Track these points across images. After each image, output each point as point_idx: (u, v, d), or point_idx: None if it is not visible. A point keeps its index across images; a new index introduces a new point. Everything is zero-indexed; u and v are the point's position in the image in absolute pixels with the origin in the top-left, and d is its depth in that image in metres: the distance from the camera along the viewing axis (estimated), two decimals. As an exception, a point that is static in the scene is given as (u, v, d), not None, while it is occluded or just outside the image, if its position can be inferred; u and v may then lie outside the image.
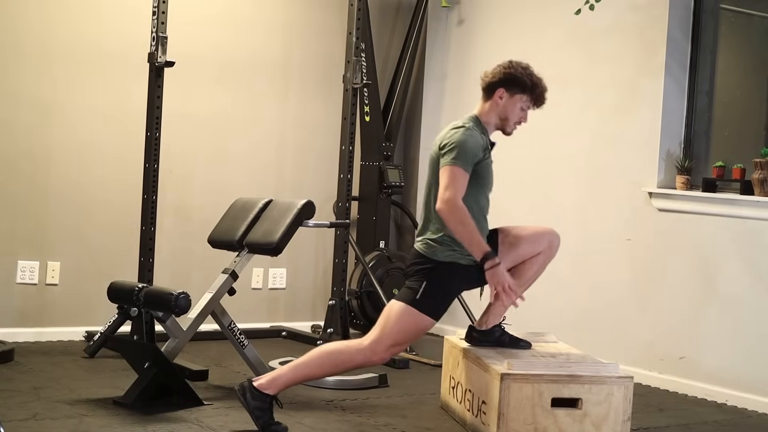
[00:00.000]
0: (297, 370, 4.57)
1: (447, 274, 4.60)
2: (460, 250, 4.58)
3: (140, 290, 5.24)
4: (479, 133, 4.66)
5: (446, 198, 4.44)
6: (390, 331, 4.56)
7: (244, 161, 7.04)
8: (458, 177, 4.48)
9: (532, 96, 4.73)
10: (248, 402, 4.51)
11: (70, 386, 5.22)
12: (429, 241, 4.63)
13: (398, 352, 4.69)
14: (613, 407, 4.55)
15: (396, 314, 4.57)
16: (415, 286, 4.59)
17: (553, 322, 6.39)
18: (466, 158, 4.51)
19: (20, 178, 6.30)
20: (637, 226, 6.23)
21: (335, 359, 4.59)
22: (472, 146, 4.55)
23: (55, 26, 6.35)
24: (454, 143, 4.54)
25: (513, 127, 4.77)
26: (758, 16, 6.25)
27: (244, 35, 7.03)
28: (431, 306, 4.57)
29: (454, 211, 4.43)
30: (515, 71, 4.69)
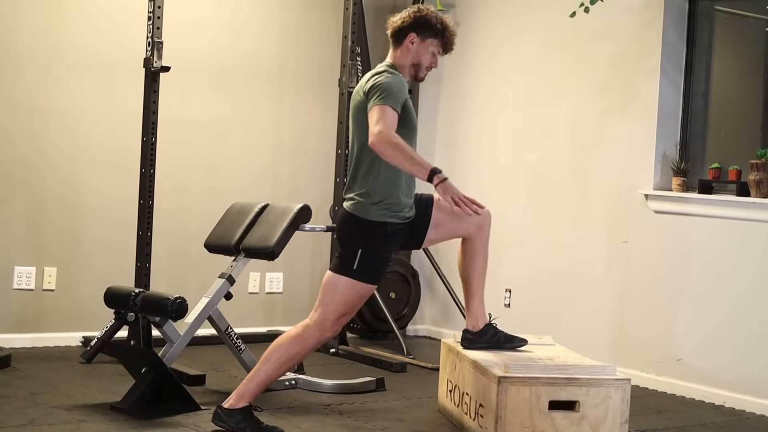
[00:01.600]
0: (257, 379, 4.54)
1: (380, 237, 4.50)
2: (391, 208, 4.50)
3: (137, 295, 5.24)
4: (397, 73, 4.58)
5: (377, 131, 4.30)
6: (334, 306, 4.51)
7: (240, 166, 7.04)
8: (388, 113, 4.35)
9: (443, 40, 4.64)
10: (227, 423, 4.50)
11: (67, 392, 5.22)
12: (359, 198, 4.50)
13: (346, 321, 4.61)
14: (611, 410, 4.55)
15: (335, 287, 4.51)
16: (349, 255, 4.49)
17: (550, 325, 6.39)
18: (394, 98, 4.39)
19: (16, 183, 6.29)
20: (633, 228, 6.23)
21: (289, 352, 4.54)
22: (397, 87, 4.45)
23: (51, 32, 6.34)
24: (379, 84, 4.44)
25: (425, 71, 4.67)
26: (753, 17, 6.25)
27: (239, 40, 7.02)
28: (369, 273, 4.50)
29: (388, 139, 4.28)
30: (426, 16, 4.63)
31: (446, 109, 7.46)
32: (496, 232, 6.80)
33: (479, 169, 7.21)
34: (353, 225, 4.52)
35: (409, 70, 4.65)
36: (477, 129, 7.27)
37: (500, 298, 6.89)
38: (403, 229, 4.57)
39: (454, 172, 7.09)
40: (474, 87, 7.30)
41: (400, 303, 7.30)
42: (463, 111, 7.34)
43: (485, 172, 7.17)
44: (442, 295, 7.35)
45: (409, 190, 4.57)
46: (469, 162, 7.26)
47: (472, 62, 7.25)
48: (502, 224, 6.92)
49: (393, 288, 7.25)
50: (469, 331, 4.98)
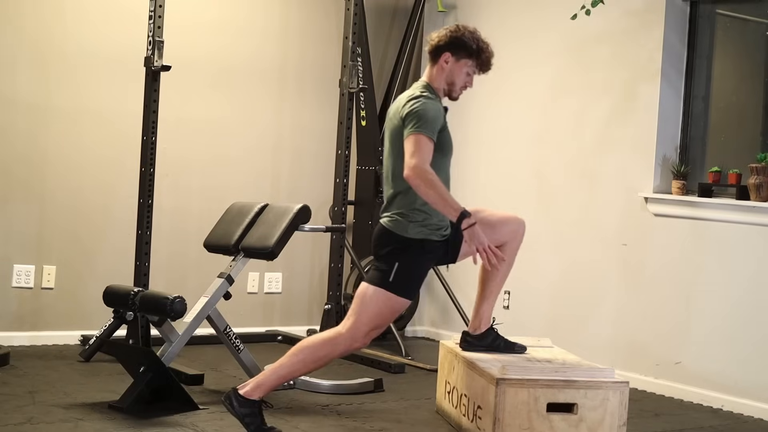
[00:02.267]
0: (279, 372, 4.53)
1: (418, 253, 4.52)
2: (430, 226, 4.51)
3: (136, 294, 5.24)
4: (434, 95, 4.60)
5: (413, 164, 4.33)
6: (366, 316, 4.51)
7: (240, 166, 7.04)
8: (423, 144, 4.38)
9: (479, 61, 4.64)
10: (236, 410, 4.48)
11: (66, 390, 5.22)
12: (397, 217, 4.53)
13: (377, 334, 4.60)
14: (609, 412, 4.55)
15: (370, 298, 4.51)
16: (386, 267, 4.50)
17: (548, 327, 6.39)
18: (429, 126, 4.42)
19: (16, 182, 6.29)
20: (633, 231, 6.23)
21: (316, 354, 4.53)
22: (434, 114, 4.46)
23: (51, 31, 6.34)
24: (416, 111, 4.44)
25: (459, 91, 4.68)
26: (754, 21, 6.25)
27: (240, 40, 7.03)
28: (405, 287, 4.51)
29: (423, 175, 4.32)
30: (461, 35, 4.61)
31: (446, 110, 7.45)
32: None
33: (479, 172, 7.20)
34: (391, 240, 4.54)
35: (444, 89, 4.66)
36: (477, 132, 7.26)
37: (499, 299, 6.83)
38: (440, 246, 4.59)
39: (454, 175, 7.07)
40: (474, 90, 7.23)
41: (399, 304, 7.29)
42: (463, 114, 7.33)
43: (485, 175, 7.16)
44: (441, 296, 7.35)
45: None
46: (469, 165, 7.26)
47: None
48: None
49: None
50: (470, 334, 4.98)
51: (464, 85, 4.67)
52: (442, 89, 4.65)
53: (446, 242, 4.59)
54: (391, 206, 4.57)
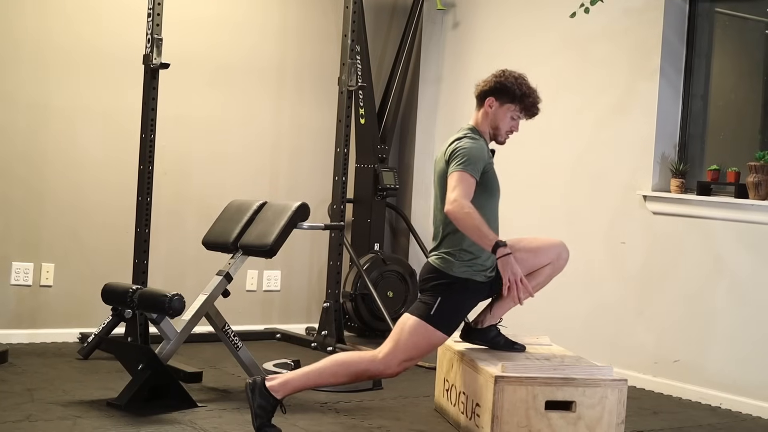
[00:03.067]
0: (309, 377, 4.57)
1: (461, 291, 4.61)
2: (475, 266, 4.60)
3: (134, 292, 5.24)
4: (479, 137, 4.68)
5: (452, 198, 4.42)
6: (403, 345, 4.57)
7: (239, 163, 7.04)
8: (464, 180, 4.46)
9: (522, 106, 4.72)
10: (254, 399, 4.48)
11: (64, 388, 5.22)
12: (444, 255, 4.63)
13: (410, 366, 4.68)
14: (607, 410, 4.55)
15: (409, 329, 4.58)
16: (429, 301, 4.59)
17: (547, 325, 6.38)
18: (472, 164, 4.50)
19: (15, 179, 6.29)
20: (631, 229, 6.23)
21: (349, 369, 4.60)
22: (477, 153, 4.55)
23: (51, 28, 6.34)
24: (459, 151, 4.54)
25: (505, 136, 4.77)
26: (753, 19, 6.26)
27: (239, 37, 7.02)
28: (445, 322, 4.58)
29: (462, 207, 4.39)
30: (505, 80, 4.70)
31: (446, 109, 7.46)
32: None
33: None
34: (436, 275, 4.62)
35: (490, 133, 4.74)
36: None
37: (498, 298, 6.88)
38: (484, 287, 4.66)
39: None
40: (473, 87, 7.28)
41: (397, 302, 7.29)
42: (462, 111, 7.32)
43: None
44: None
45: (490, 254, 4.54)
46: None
47: (471, 63, 7.24)
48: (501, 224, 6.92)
49: (391, 287, 7.24)
50: (472, 326, 4.98)
51: (510, 130, 4.75)
52: (488, 132, 4.73)
53: (491, 283, 4.66)
54: (440, 246, 4.66)
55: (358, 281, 7.12)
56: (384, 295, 7.13)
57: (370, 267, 7.16)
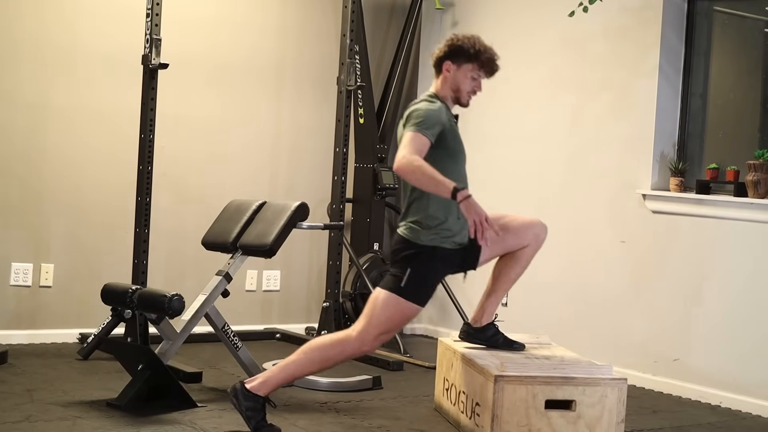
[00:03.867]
0: (287, 370, 4.55)
1: (430, 259, 4.55)
2: (443, 233, 4.54)
3: (134, 292, 5.24)
4: (438, 102, 4.62)
5: (400, 155, 4.34)
6: (377, 320, 4.53)
7: (238, 163, 7.04)
8: (415, 139, 4.39)
9: (479, 63, 4.67)
10: (240, 403, 4.50)
11: (64, 388, 5.22)
12: (411, 225, 4.57)
13: (387, 339, 4.63)
14: (607, 409, 4.55)
15: (382, 303, 4.54)
16: (399, 273, 4.54)
17: (547, 324, 6.39)
18: (426, 125, 4.43)
19: (14, 180, 6.29)
20: (631, 228, 6.23)
21: (325, 354, 4.56)
22: (433, 114, 4.49)
23: (49, 29, 6.34)
24: (414, 112, 4.50)
25: (467, 97, 4.71)
26: (752, 18, 6.26)
27: (238, 37, 7.02)
28: (416, 293, 4.54)
29: (408, 163, 4.30)
30: (458, 41, 4.66)
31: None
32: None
33: (477, 169, 7.16)
34: (404, 246, 4.58)
35: (452, 97, 4.71)
36: (475, 128, 7.26)
37: (497, 297, 6.88)
38: (455, 254, 4.61)
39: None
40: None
41: (397, 301, 7.29)
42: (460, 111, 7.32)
43: (483, 172, 7.15)
44: (440, 294, 7.33)
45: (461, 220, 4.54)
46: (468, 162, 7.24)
47: (470, 61, 7.24)
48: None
49: (390, 286, 7.24)
50: (470, 326, 4.99)
51: (472, 90, 4.72)
52: (450, 97, 4.71)
53: (463, 250, 4.61)
54: (407, 215, 4.62)
55: (358, 281, 7.11)
56: (383, 295, 7.12)
57: (370, 266, 7.16)
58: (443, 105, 4.64)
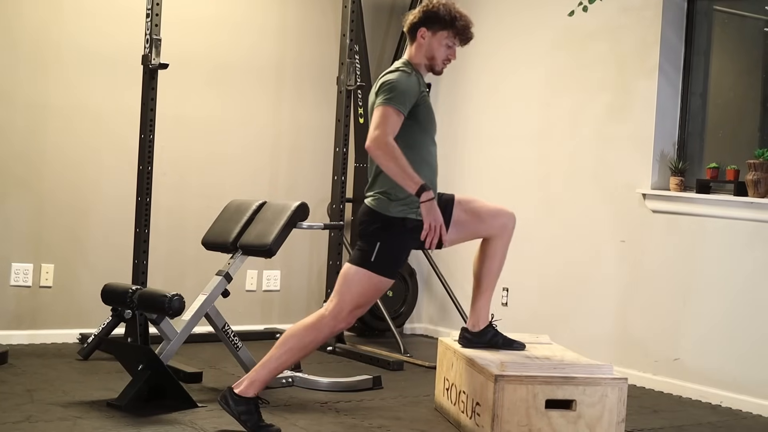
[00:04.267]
0: (269, 365, 4.54)
1: (399, 232, 4.51)
2: (412, 204, 4.47)
3: (134, 292, 5.24)
4: (411, 69, 4.55)
5: (374, 136, 4.30)
6: (349, 297, 4.52)
7: (238, 163, 7.03)
8: (389, 115, 4.34)
9: (454, 31, 4.59)
10: (232, 409, 4.50)
11: (64, 388, 5.21)
12: (379, 195, 4.52)
13: (361, 314, 4.62)
14: (607, 409, 4.55)
15: (353, 279, 4.52)
16: (368, 248, 4.50)
17: (547, 324, 6.39)
18: (399, 98, 4.38)
19: (14, 180, 6.29)
20: (631, 227, 6.23)
21: (303, 341, 4.54)
22: (405, 86, 4.43)
23: (49, 29, 6.34)
24: (387, 84, 4.42)
25: (441, 65, 4.62)
26: (752, 17, 6.26)
27: (238, 37, 7.02)
28: (386, 266, 4.51)
29: (383, 147, 4.29)
30: (433, 8, 4.58)
31: (444, 108, 7.45)
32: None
33: (477, 169, 7.21)
34: (373, 219, 4.53)
35: (426, 65, 4.62)
36: (475, 128, 7.27)
37: (498, 296, 6.88)
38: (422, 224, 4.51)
39: (453, 172, 7.10)
40: (472, 86, 7.30)
41: (397, 301, 7.30)
42: (461, 110, 7.34)
43: (483, 172, 7.17)
44: (440, 293, 7.35)
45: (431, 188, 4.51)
46: (467, 161, 7.26)
47: (470, 62, 7.24)
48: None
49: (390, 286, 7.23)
50: (468, 331, 4.97)
51: (446, 58, 4.62)
52: (423, 65, 4.61)
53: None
54: (374, 185, 4.56)
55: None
56: (384, 295, 7.11)
57: (370, 266, 7.15)
58: (417, 75, 4.56)
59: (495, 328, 4.96)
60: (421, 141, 4.53)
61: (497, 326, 4.98)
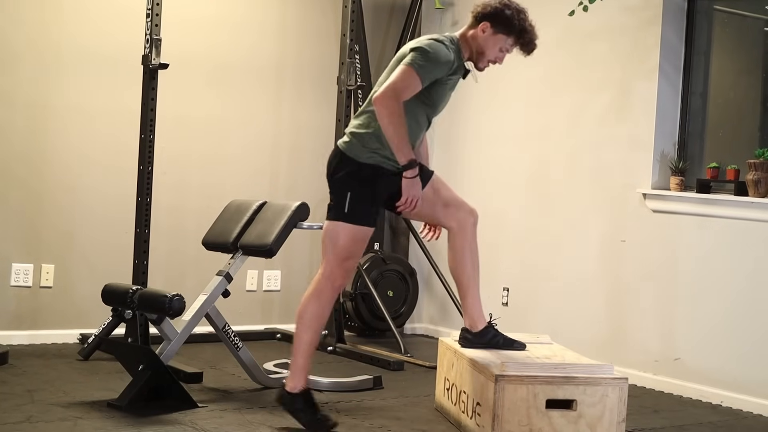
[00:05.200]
0: (300, 349, 4.60)
1: (369, 179, 4.49)
2: (382, 153, 4.46)
3: (134, 292, 5.24)
4: (454, 50, 4.52)
5: (387, 90, 4.31)
6: (334, 254, 4.55)
7: (239, 163, 7.03)
8: (409, 77, 4.33)
9: (518, 40, 4.58)
10: (291, 407, 4.59)
11: (65, 389, 5.21)
12: (353, 134, 4.51)
13: (353, 265, 4.63)
14: (608, 408, 4.55)
15: (333, 234, 4.54)
16: (339, 200, 4.50)
17: (547, 324, 6.39)
18: (427, 66, 4.37)
19: (14, 180, 6.29)
20: (631, 227, 6.23)
21: (313, 311, 4.60)
22: (438, 57, 4.40)
23: (49, 29, 6.33)
24: (422, 48, 4.40)
25: (486, 64, 4.61)
26: (752, 17, 6.26)
27: (238, 37, 7.02)
28: (362, 215, 4.51)
29: (390, 107, 4.29)
30: (507, 9, 4.57)
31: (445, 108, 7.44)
32: (494, 231, 6.83)
33: (478, 168, 7.20)
34: (342, 164, 4.52)
35: (471, 55, 4.59)
36: (475, 128, 7.27)
37: (498, 296, 6.89)
38: (394, 180, 4.49)
39: (453, 171, 7.10)
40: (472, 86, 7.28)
41: (397, 301, 7.30)
42: (461, 110, 7.33)
43: (483, 171, 7.16)
44: (440, 293, 7.35)
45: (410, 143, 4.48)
46: (467, 161, 7.26)
47: (470, 61, 7.24)
48: (500, 223, 6.93)
49: (391, 286, 7.24)
50: (468, 331, 4.96)
51: (494, 60, 4.61)
52: (469, 52, 4.58)
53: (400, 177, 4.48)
54: (358, 118, 4.55)
55: (359, 281, 7.11)
56: (384, 295, 7.13)
57: (370, 266, 7.16)
58: (457, 55, 4.52)
59: (495, 328, 4.95)
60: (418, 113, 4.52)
61: (497, 326, 4.98)
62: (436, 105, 4.59)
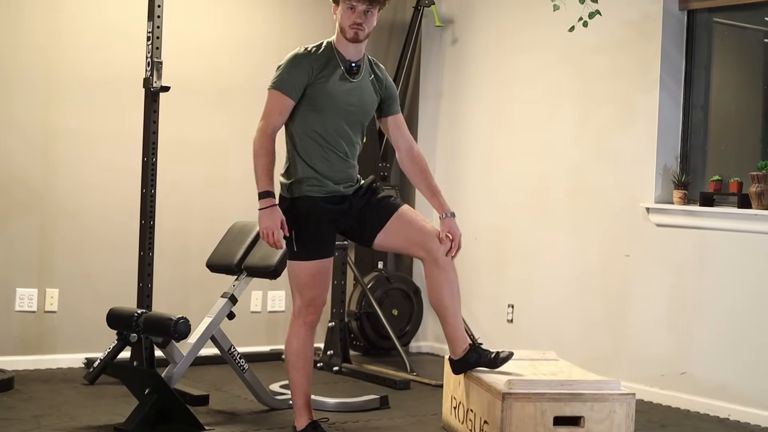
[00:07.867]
0: (296, 392, 4.61)
1: (305, 212, 4.49)
2: (309, 183, 4.51)
3: (139, 316, 5.23)
4: (314, 52, 4.56)
5: (258, 127, 4.47)
6: (299, 292, 4.57)
7: (241, 186, 7.00)
8: (271, 101, 4.48)
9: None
10: None
11: (71, 414, 5.21)
12: (282, 178, 4.61)
13: (321, 300, 4.61)
14: (616, 424, 4.54)
15: (292, 274, 4.57)
16: (288, 240, 4.50)
17: (553, 340, 6.38)
18: (283, 81, 4.47)
19: (17, 204, 6.29)
20: (635, 241, 6.22)
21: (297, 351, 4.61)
22: (290, 64, 4.50)
23: (51, 53, 6.35)
24: (279, 66, 4.54)
25: (350, 32, 4.54)
26: (752, 29, 6.26)
27: (239, 60, 7.03)
28: (310, 249, 4.51)
29: (255, 137, 4.47)
30: None
31: (447, 123, 7.46)
32: (498, 247, 6.83)
33: (480, 184, 7.20)
34: (281, 204, 4.53)
35: (343, 39, 4.60)
36: (478, 144, 7.27)
37: (503, 313, 6.88)
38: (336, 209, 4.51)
39: (456, 187, 7.11)
40: (474, 102, 7.30)
41: (402, 320, 7.29)
42: (463, 126, 7.34)
43: (486, 187, 7.16)
44: (445, 311, 7.33)
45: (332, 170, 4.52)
46: (470, 176, 7.26)
47: (472, 78, 7.25)
48: (504, 239, 6.93)
49: (395, 305, 7.24)
50: (452, 359, 4.88)
51: (352, 23, 4.55)
52: (342, 41, 4.61)
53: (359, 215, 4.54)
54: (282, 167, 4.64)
55: (363, 300, 7.11)
56: (389, 313, 7.12)
57: (375, 285, 7.16)
58: (325, 52, 4.56)
59: (478, 349, 4.79)
60: (315, 121, 4.53)
61: (481, 345, 4.84)
62: (325, 105, 4.53)
